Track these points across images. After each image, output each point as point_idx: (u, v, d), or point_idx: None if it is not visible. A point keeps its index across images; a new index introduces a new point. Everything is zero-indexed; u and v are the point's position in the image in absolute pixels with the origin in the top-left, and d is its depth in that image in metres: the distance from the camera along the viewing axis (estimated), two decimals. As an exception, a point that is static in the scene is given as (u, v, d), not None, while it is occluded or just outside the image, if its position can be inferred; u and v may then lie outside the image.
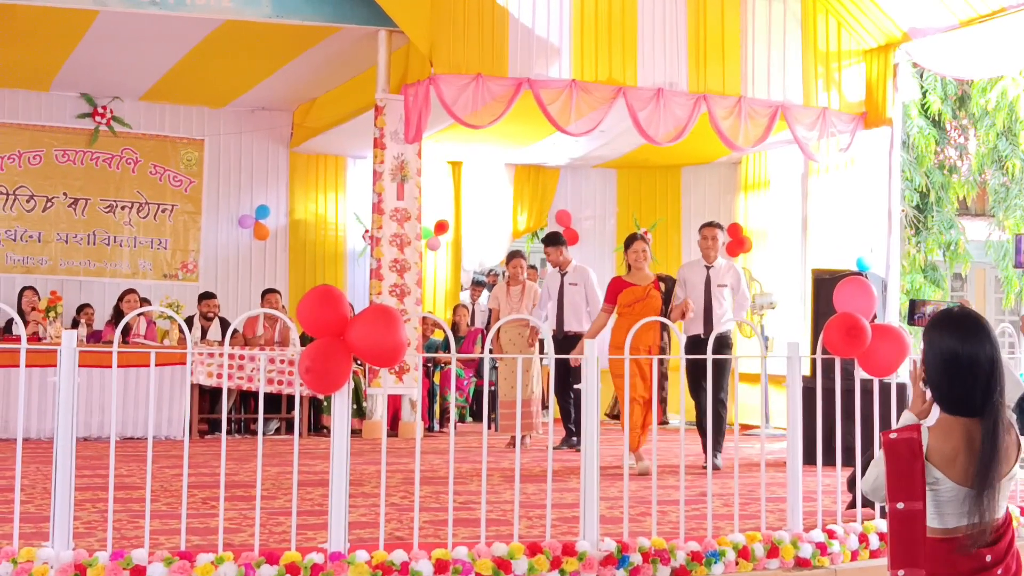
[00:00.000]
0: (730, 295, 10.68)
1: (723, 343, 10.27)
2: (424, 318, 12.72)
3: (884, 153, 13.22)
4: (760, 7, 13.02)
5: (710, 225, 10.92)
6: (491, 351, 13.06)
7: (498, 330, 12.23)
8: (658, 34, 12.52)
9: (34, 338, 12.51)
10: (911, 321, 4.57)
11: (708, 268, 10.71)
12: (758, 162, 15.41)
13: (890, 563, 3.70)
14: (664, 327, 9.95)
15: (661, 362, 9.67)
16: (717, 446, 10.07)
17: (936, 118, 17.32)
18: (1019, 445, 3.70)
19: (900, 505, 3.60)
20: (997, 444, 3.58)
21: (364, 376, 12.92)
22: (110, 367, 5.72)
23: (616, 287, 10.33)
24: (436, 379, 14.00)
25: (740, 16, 12.89)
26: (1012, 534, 3.75)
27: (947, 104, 17.39)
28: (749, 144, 12.91)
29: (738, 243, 15.14)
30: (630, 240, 10.48)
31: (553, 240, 12.42)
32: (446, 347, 14.42)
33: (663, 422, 10.01)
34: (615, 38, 12.34)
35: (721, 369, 9.96)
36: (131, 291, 13.56)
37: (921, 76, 16.54)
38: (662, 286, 10.25)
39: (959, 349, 3.63)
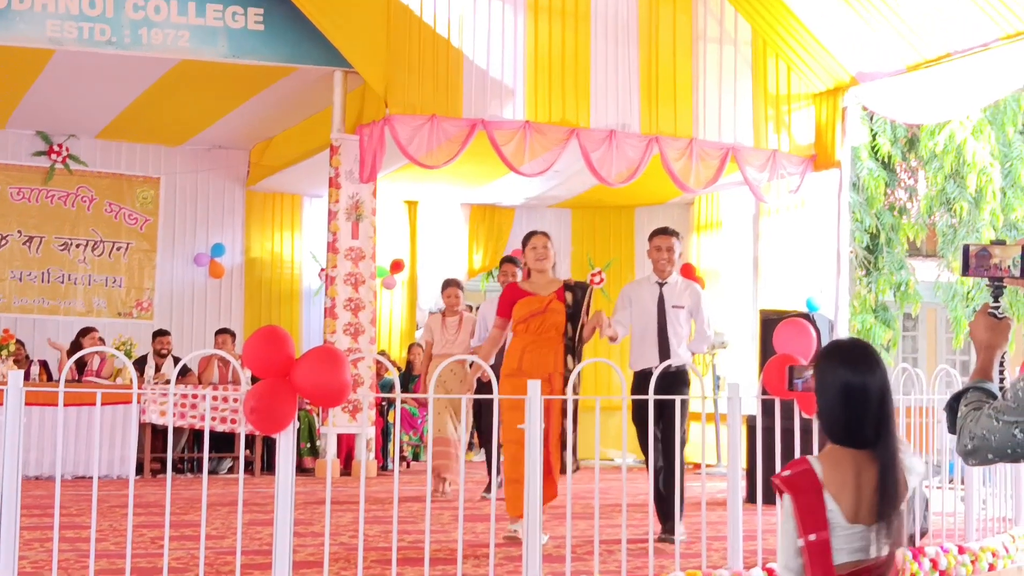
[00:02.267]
0: (687, 321, 8.69)
1: (679, 380, 8.19)
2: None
3: (833, 195, 13.42)
4: (711, 50, 13.24)
5: (663, 232, 8.80)
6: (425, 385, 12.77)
7: (427, 368, 11.17)
8: (611, 76, 12.70)
9: (-14, 376, 12.48)
10: (790, 388, 4.47)
11: (661, 285, 8.66)
12: (710, 203, 15.59)
13: None
14: (569, 350, 8.05)
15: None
16: (671, 516, 7.76)
17: (886, 160, 17.58)
18: (906, 483, 3.70)
19: (812, 537, 3.57)
20: (895, 476, 3.58)
21: (318, 415, 12.94)
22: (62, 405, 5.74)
23: (510, 296, 8.21)
24: (391, 418, 14.03)
25: (692, 59, 13.10)
26: (896, 571, 3.76)
27: (896, 147, 17.65)
28: (700, 185, 13.09)
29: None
30: (530, 235, 8.37)
31: (513, 259, 10.60)
32: (402, 385, 14.46)
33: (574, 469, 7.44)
34: (568, 80, 12.51)
35: (676, 416, 7.39)
36: (92, 328, 13.52)
37: (871, 119, 16.79)
38: (568, 297, 8.11)
39: (850, 378, 3.60)
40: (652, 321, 8.52)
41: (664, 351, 8.41)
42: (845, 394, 3.62)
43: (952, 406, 3.50)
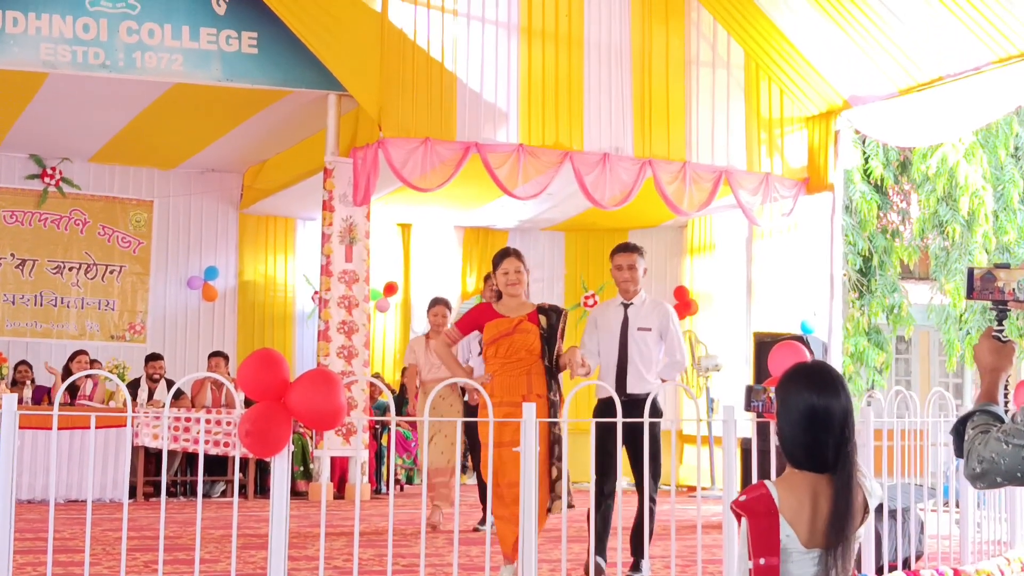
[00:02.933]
0: (657, 344, 7.93)
1: (642, 409, 6.74)
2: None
3: (826, 218, 13.45)
4: (704, 74, 13.29)
5: (623, 249, 8.09)
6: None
7: (416, 392, 10.51)
8: (604, 100, 12.74)
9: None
10: (747, 409, 4.41)
11: (626, 307, 7.98)
12: (703, 226, 15.61)
13: None
14: (552, 374, 7.47)
15: (553, 423, 7.25)
16: (641, 551, 7.35)
17: (878, 183, 17.61)
18: (866, 506, 3.68)
19: (762, 561, 3.54)
20: (851, 500, 3.55)
21: (311, 438, 12.91)
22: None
23: (480, 315, 7.60)
24: (384, 441, 14.01)
25: (684, 82, 13.15)
26: None
27: (889, 169, 17.68)
28: (694, 208, 13.12)
29: (684, 306, 15.31)
30: (500, 257, 7.64)
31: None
32: (396, 408, 14.43)
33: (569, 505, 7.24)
34: (562, 103, 12.55)
35: (652, 447, 6.98)
36: (82, 352, 13.53)
37: (863, 142, 16.83)
38: (542, 320, 7.48)
39: (815, 401, 3.57)
40: (615, 345, 7.89)
41: (622, 378, 7.80)
42: (809, 417, 3.59)
43: (958, 430, 3.48)
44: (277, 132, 14.08)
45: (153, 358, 13.76)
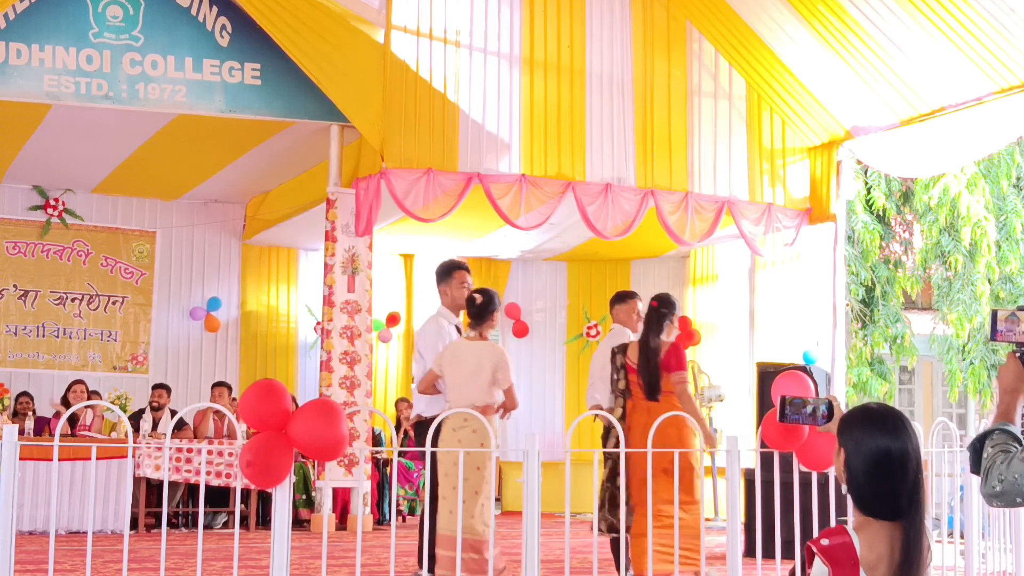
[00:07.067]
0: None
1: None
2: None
3: (828, 248, 13.45)
4: (706, 104, 13.31)
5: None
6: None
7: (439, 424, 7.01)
8: (606, 130, 12.76)
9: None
10: (782, 420, 4.41)
11: None
12: (706, 256, 15.62)
13: None
14: None
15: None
16: None
17: (881, 213, 17.64)
18: (930, 549, 3.62)
19: None
20: (922, 547, 3.47)
21: (313, 467, 12.87)
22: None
23: None
24: (387, 471, 13.95)
25: (686, 113, 13.18)
26: None
27: (891, 200, 17.72)
28: (696, 239, 13.13)
29: (687, 336, 15.28)
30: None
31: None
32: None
33: None
34: (564, 134, 12.57)
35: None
36: (79, 381, 13.51)
37: (865, 172, 16.86)
38: None
39: (890, 446, 3.46)
40: None
41: None
42: (883, 464, 3.49)
43: (976, 447, 3.46)
44: (280, 163, 14.09)
45: (156, 387, 13.77)
